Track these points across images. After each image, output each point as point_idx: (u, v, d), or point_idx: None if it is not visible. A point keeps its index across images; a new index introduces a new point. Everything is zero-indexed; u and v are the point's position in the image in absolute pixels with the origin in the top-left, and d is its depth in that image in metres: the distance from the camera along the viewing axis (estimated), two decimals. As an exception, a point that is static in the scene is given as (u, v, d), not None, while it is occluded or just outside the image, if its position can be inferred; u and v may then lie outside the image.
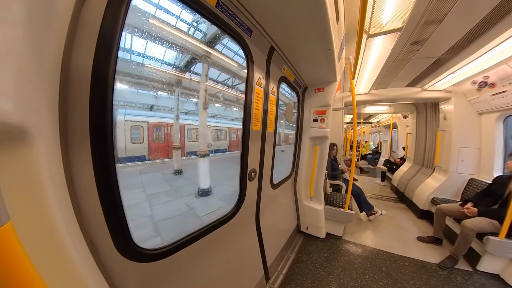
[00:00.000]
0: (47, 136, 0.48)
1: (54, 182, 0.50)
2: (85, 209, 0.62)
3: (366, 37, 1.91)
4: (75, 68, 0.55)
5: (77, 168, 0.59)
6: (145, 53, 4.73)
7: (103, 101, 0.60)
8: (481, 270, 2.03)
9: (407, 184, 4.07)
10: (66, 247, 0.51)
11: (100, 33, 0.58)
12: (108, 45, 0.59)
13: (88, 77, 0.57)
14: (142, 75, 5.08)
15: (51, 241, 0.48)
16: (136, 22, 3.20)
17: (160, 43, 4.39)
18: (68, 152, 0.57)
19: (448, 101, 3.22)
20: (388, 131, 7.43)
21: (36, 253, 0.44)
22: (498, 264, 1.96)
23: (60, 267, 0.50)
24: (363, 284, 1.87)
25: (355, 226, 3.00)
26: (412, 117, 4.76)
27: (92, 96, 0.58)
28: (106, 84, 0.60)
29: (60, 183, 0.54)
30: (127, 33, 4.01)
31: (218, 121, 11.34)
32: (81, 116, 0.58)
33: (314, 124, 2.52)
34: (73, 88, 0.55)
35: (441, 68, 2.56)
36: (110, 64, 0.60)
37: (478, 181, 2.79)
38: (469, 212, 2.18)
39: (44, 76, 0.46)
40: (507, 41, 1.74)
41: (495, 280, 1.93)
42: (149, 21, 3.05)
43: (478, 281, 1.93)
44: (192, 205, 4.18)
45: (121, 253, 0.72)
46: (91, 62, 0.57)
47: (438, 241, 2.54)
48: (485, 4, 1.39)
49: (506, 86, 2.31)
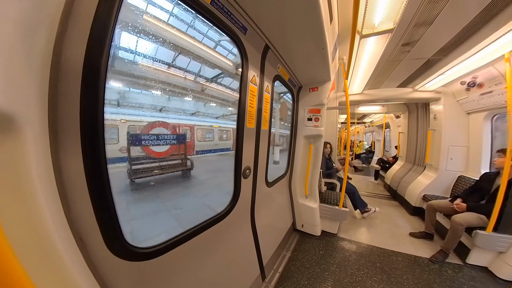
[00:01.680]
0: (35, 128, 0.47)
1: (42, 176, 0.48)
2: (75, 206, 0.60)
3: (359, 37, 1.95)
4: (66, 60, 0.54)
5: (66, 162, 0.58)
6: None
7: (95, 95, 0.59)
8: (470, 263, 2.10)
9: (399, 182, 4.17)
10: (54, 245, 0.49)
11: (93, 26, 0.57)
12: (101, 39, 0.58)
13: (79, 70, 0.56)
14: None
15: (38, 238, 0.47)
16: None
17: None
18: (57, 146, 0.56)
19: (438, 102, 3.32)
20: (381, 130, 7.58)
21: (23, 251, 0.42)
22: (487, 257, 2.03)
23: (48, 265, 0.49)
24: (358, 280, 1.90)
25: (350, 224, 3.04)
26: (404, 117, 4.87)
27: (83, 90, 0.57)
28: (98, 78, 0.59)
29: (49, 177, 0.52)
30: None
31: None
32: (72, 109, 0.57)
33: (308, 123, 2.55)
34: (63, 80, 0.54)
35: (431, 69, 2.65)
36: (103, 58, 0.59)
37: (467, 178, 2.89)
38: (458, 207, 2.25)
39: (33, 67, 0.46)
40: (493, 44, 1.81)
41: (484, 272, 2.00)
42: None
43: (468, 273, 1.99)
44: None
45: (112, 252, 0.71)
46: (82, 55, 0.56)
47: (429, 237, 2.61)
48: (473, 8, 1.45)
49: (493, 87, 2.41)
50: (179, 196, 4.69)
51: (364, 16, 1.64)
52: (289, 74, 2.14)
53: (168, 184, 5.24)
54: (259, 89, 1.58)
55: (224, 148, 10.49)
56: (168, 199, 4.35)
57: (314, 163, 2.59)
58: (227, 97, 8.63)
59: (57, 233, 0.50)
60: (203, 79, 6.85)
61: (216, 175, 6.71)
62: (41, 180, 0.48)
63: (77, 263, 0.57)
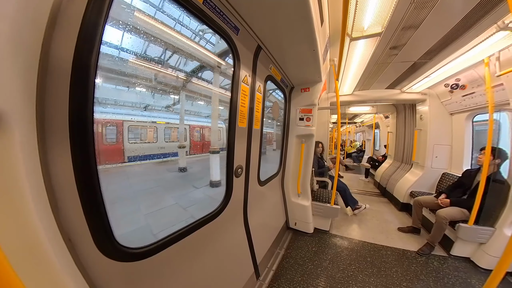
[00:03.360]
0: (23, 126, 0.46)
1: (29, 176, 0.47)
2: (64, 206, 0.59)
3: (349, 40, 2.02)
4: (54, 57, 0.53)
5: (55, 161, 0.56)
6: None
7: (84, 92, 0.58)
8: (454, 255, 2.22)
9: (388, 179, 4.31)
10: (42, 245, 0.48)
11: (83, 22, 0.56)
12: (91, 35, 0.58)
13: (69, 68, 0.55)
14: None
15: (25, 238, 0.46)
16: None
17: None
18: (45, 145, 0.54)
19: (423, 103, 3.47)
20: (371, 130, 7.80)
21: (10, 251, 0.42)
22: (469, 248, 2.15)
23: (36, 266, 0.48)
24: (349, 274, 1.96)
25: (341, 221, 3.12)
26: (393, 117, 5.05)
27: (72, 87, 0.56)
28: (88, 75, 0.58)
29: (37, 176, 0.51)
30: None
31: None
32: (61, 107, 0.56)
33: (300, 122, 2.60)
34: (52, 78, 0.53)
35: (418, 72, 2.77)
36: (93, 55, 0.58)
37: (450, 175, 3.04)
38: (442, 203, 2.37)
39: (19, 64, 0.45)
40: (474, 49, 1.92)
41: (466, 263, 2.12)
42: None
43: (452, 264, 2.11)
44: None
45: (103, 252, 0.69)
46: (72, 52, 0.55)
47: (416, 231, 2.73)
48: (455, 15, 1.54)
49: (475, 88, 2.55)
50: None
51: (354, 19, 1.69)
52: (281, 75, 2.17)
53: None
54: (251, 89, 1.59)
55: (173, 153, 7.58)
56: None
57: (306, 162, 2.64)
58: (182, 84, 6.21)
59: (45, 233, 0.49)
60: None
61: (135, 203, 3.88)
62: (29, 180, 0.47)
63: (66, 264, 0.56)
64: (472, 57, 2.08)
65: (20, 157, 0.45)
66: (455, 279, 1.90)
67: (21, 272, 0.40)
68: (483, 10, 1.46)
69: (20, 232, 0.45)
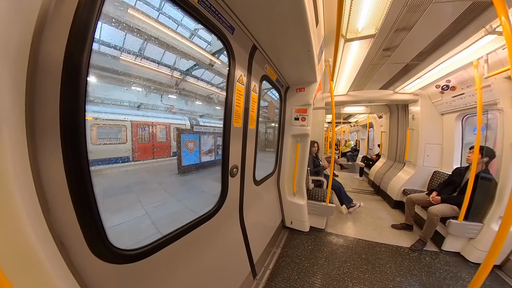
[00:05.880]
0: (11, 126, 0.45)
1: (19, 177, 0.46)
2: (55, 208, 0.57)
3: (344, 41, 2.05)
4: (45, 55, 0.52)
5: (45, 162, 0.55)
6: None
7: (75, 92, 0.57)
8: (445, 250, 2.29)
9: (382, 178, 4.40)
10: (33, 248, 0.47)
11: (75, 19, 0.55)
12: (83, 34, 0.56)
13: (60, 66, 0.54)
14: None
15: (15, 241, 0.45)
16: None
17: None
18: (35, 145, 0.53)
19: (416, 103, 3.56)
20: (365, 130, 7.93)
21: (0, 255, 0.41)
22: (459, 243, 2.23)
23: (27, 269, 0.47)
24: (345, 271, 1.99)
25: (337, 219, 3.17)
26: (386, 117, 5.15)
27: (63, 87, 0.54)
28: (79, 74, 0.56)
29: (26, 178, 0.49)
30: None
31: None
32: (51, 107, 0.54)
33: (295, 122, 2.62)
34: (42, 77, 0.52)
35: (410, 73, 2.83)
36: (84, 54, 0.57)
37: (441, 173, 3.14)
38: (433, 200, 2.44)
39: (7, 62, 0.43)
40: (464, 51, 1.98)
41: (456, 257, 2.20)
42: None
43: (443, 259, 2.17)
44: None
45: (96, 254, 0.68)
46: (63, 50, 0.54)
47: (409, 227, 2.79)
48: (446, 19, 1.59)
49: (464, 89, 2.64)
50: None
51: (348, 21, 1.72)
52: (276, 75, 2.18)
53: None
54: (246, 88, 1.59)
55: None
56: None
57: (301, 161, 2.66)
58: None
59: (36, 236, 0.48)
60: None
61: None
62: (18, 181, 0.45)
63: (57, 267, 0.55)
64: (462, 59, 2.15)
65: (9, 158, 0.43)
66: (446, 273, 1.96)
67: (11, 277, 0.39)
68: (472, 14, 1.51)
69: (10, 235, 0.44)
